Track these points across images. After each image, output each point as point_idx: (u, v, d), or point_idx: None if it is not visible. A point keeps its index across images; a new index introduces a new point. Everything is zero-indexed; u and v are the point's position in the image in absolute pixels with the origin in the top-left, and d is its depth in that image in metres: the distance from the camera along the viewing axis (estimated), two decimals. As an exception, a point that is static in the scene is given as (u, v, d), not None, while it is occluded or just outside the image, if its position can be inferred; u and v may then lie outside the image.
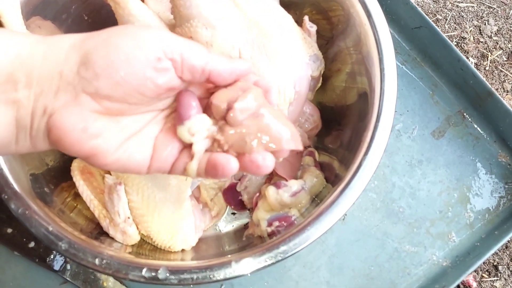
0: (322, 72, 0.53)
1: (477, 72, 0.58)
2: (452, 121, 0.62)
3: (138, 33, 0.28)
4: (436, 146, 0.61)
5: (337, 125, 0.54)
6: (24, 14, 0.47)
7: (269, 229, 0.49)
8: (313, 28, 0.52)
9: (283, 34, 0.49)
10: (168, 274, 0.39)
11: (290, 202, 0.49)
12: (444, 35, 0.59)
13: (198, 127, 0.31)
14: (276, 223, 0.48)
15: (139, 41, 0.28)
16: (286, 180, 0.50)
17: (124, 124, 0.30)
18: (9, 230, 0.54)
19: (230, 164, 0.31)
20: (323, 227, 0.40)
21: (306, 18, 0.52)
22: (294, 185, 0.49)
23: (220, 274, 0.39)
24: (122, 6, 0.44)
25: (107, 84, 0.27)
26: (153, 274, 0.39)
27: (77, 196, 0.50)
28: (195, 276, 0.39)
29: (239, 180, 0.55)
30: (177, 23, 0.50)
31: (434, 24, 0.58)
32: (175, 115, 0.32)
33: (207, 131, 0.31)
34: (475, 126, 0.62)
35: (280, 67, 0.49)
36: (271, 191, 0.49)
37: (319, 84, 0.55)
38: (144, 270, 0.39)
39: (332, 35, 0.54)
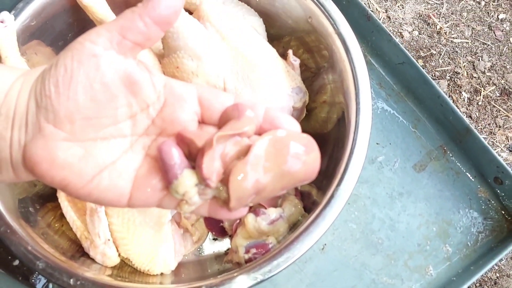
0: (306, 104, 0.55)
1: (456, 108, 0.59)
2: (433, 155, 0.63)
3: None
4: (417, 180, 0.62)
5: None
6: (21, 40, 0.50)
7: (247, 256, 0.49)
8: (296, 61, 0.55)
9: (266, 66, 0.51)
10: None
11: (268, 230, 0.50)
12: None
13: (185, 188, 0.28)
14: (254, 250, 0.49)
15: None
16: (265, 208, 0.51)
17: (95, 154, 0.29)
18: (-4, 248, 0.55)
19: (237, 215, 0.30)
20: (293, 257, 0.41)
21: (290, 52, 0.55)
22: (272, 213, 0.51)
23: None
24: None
25: (57, 103, 0.27)
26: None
27: (62, 217, 0.51)
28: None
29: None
30: (165, 53, 0.53)
31: (415, 61, 0.60)
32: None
33: (196, 187, 0.28)
34: (456, 161, 0.63)
35: (263, 97, 0.51)
36: (249, 218, 0.50)
37: (303, 115, 0.57)
38: (116, 293, 0.40)
39: (319, 68, 0.56)
